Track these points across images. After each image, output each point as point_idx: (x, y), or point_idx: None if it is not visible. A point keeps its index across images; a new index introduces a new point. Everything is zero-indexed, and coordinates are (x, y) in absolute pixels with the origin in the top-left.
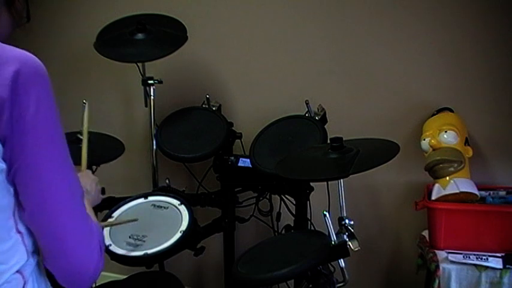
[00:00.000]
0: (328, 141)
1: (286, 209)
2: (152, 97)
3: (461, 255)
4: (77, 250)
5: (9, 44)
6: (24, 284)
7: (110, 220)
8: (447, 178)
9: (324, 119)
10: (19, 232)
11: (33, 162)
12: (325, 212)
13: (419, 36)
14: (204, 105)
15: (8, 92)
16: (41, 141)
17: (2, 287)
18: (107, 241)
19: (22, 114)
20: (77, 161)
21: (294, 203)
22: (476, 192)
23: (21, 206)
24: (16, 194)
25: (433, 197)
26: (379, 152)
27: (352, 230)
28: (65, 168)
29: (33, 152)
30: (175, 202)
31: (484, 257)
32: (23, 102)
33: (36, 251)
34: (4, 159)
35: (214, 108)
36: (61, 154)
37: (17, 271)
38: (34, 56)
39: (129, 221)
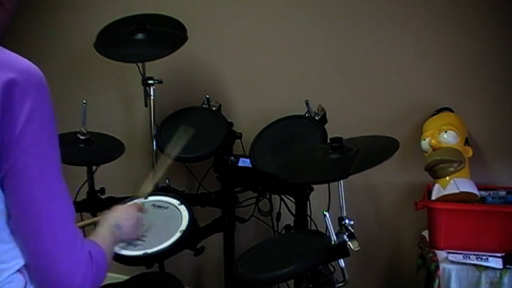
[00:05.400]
0: (328, 141)
1: (286, 209)
2: (152, 97)
3: (461, 255)
4: (60, 259)
5: (10, 44)
6: (26, 284)
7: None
8: (447, 178)
9: (324, 119)
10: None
11: (21, 171)
12: (325, 212)
13: (419, 37)
14: (204, 105)
15: (1, 100)
16: (31, 151)
17: (5, 287)
18: None
19: (13, 123)
20: (78, 161)
21: (294, 203)
22: (476, 192)
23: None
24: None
25: (433, 197)
26: (378, 149)
27: (352, 230)
28: (53, 177)
29: (21, 160)
30: (175, 202)
31: (484, 257)
32: (15, 111)
33: None
34: None
35: (214, 108)
36: (51, 163)
37: (18, 270)
38: (33, 65)
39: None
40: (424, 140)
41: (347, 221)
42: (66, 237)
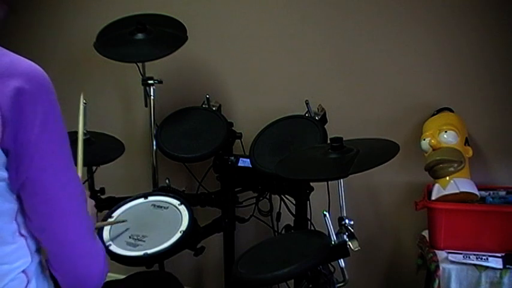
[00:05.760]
0: (328, 141)
1: (286, 209)
2: (152, 97)
3: (461, 255)
4: (83, 255)
5: (10, 44)
6: (28, 283)
7: (106, 221)
8: (447, 178)
9: (324, 119)
10: (22, 235)
11: (39, 177)
12: (325, 212)
13: (419, 37)
14: (204, 105)
15: (10, 108)
16: (47, 155)
17: (7, 286)
18: (107, 241)
19: (26, 130)
20: (74, 161)
21: (294, 203)
22: (476, 192)
23: (25, 212)
24: (19, 200)
25: (433, 197)
26: (379, 151)
27: (352, 230)
28: (70, 178)
29: (38, 166)
30: (175, 202)
31: (484, 257)
32: (27, 118)
33: (38, 250)
34: (6, 169)
35: (214, 108)
36: (66, 165)
37: (22, 271)
38: (39, 69)
39: (118, 222)
40: (424, 140)
41: (347, 221)
42: (86, 232)
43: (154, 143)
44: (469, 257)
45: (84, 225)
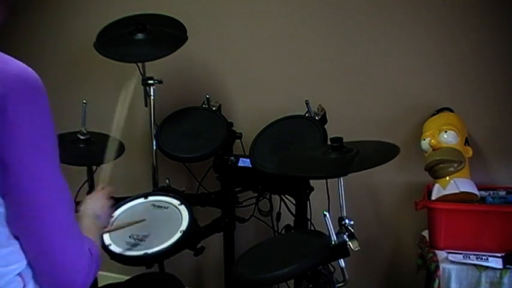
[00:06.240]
0: (328, 141)
1: (286, 209)
2: (152, 97)
3: (461, 255)
4: (65, 259)
5: (11, 44)
6: (24, 286)
7: (116, 223)
8: (447, 178)
9: (324, 119)
10: (17, 238)
11: (21, 182)
12: (325, 212)
13: (419, 37)
14: (204, 105)
15: None
16: (31, 160)
17: None
18: (107, 241)
19: (11, 133)
20: (78, 161)
21: (294, 203)
22: (476, 192)
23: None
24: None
25: (433, 197)
26: (378, 152)
27: (352, 230)
28: (54, 185)
29: (21, 172)
30: (175, 202)
31: (484, 257)
32: (10, 125)
33: None
34: None
35: (214, 108)
36: (51, 171)
37: (18, 274)
38: (27, 70)
39: (137, 222)
40: (424, 140)
41: (347, 221)
42: (69, 239)
43: (154, 143)
44: (469, 257)
45: (67, 236)
